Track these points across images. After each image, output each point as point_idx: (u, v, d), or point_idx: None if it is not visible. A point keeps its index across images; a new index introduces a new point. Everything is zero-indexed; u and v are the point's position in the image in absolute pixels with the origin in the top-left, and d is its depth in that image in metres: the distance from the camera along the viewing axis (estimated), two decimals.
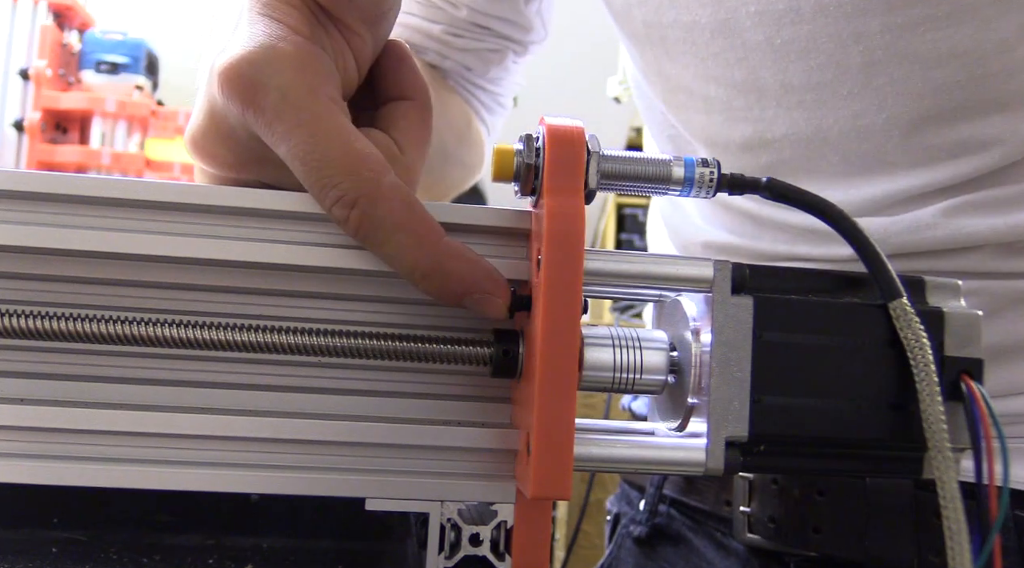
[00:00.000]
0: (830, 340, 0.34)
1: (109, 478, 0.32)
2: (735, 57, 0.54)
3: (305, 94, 0.33)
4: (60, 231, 0.32)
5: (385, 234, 0.32)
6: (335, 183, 0.32)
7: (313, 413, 0.34)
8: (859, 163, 0.53)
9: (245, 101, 0.33)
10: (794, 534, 0.53)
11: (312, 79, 0.34)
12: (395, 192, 0.33)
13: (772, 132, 0.54)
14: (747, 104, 0.55)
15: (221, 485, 0.32)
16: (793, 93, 0.53)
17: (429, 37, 0.66)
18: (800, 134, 0.53)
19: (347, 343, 0.33)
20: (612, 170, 0.33)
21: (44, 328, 0.31)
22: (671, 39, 0.56)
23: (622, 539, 0.68)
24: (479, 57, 0.68)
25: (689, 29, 0.55)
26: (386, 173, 0.33)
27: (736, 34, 0.53)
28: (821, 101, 0.52)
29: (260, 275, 0.34)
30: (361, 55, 0.38)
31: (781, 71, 0.53)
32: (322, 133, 0.33)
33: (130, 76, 2.40)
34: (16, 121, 2.25)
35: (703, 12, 0.53)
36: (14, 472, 0.32)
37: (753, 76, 0.54)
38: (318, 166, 0.32)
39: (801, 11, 0.50)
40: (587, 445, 0.32)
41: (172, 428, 0.32)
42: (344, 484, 0.33)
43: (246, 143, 0.35)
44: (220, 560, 0.33)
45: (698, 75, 0.57)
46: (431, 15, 0.66)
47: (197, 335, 0.32)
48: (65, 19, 2.39)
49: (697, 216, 0.63)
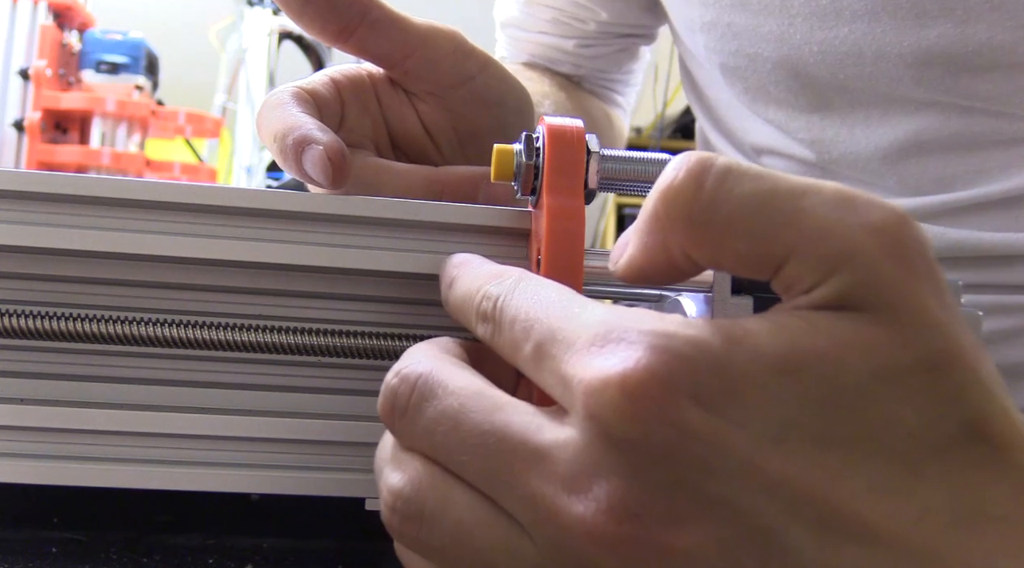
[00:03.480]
0: None
1: (109, 478, 0.32)
2: (799, 84, 0.55)
3: None
4: (60, 231, 0.32)
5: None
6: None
7: (313, 413, 0.34)
8: (914, 183, 0.54)
9: None
10: None
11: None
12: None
13: (830, 152, 0.56)
14: (807, 125, 0.57)
15: (221, 485, 0.32)
16: (859, 109, 0.54)
17: (563, 51, 0.71)
18: (859, 153, 0.54)
19: (347, 343, 0.33)
20: (612, 170, 0.33)
21: (44, 328, 0.31)
22: (731, 65, 0.58)
23: None
24: (611, 60, 0.73)
25: (752, 59, 0.56)
26: None
27: (800, 67, 0.54)
28: (886, 117, 0.53)
29: (260, 275, 0.34)
30: (429, 117, 0.41)
31: (847, 93, 0.54)
32: None
33: (130, 76, 2.40)
34: (16, 121, 2.25)
35: (766, 46, 0.55)
36: (14, 472, 0.32)
37: (819, 100, 0.55)
38: None
39: (863, 55, 0.52)
40: None
41: (172, 428, 0.32)
42: (344, 484, 0.33)
43: None
44: (220, 560, 0.33)
45: (758, 98, 0.58)
46: (563, 31, 0.71)
47: (197, 335, 0.32)
48: (65, 19, 2.39)
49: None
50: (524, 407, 0.23)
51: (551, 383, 0.23)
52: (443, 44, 0.39)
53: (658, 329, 0.21)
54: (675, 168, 0.23)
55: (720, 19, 0.57)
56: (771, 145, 0.60)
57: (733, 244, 0.23)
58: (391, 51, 0.39)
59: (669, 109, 2.72)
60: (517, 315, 0.25)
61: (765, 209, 0.22)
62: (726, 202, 0.22)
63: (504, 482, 0.22)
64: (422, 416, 0.24)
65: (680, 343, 0.21)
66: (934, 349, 0.21)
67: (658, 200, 0.23)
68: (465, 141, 0.42)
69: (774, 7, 0.53)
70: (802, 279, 0.22)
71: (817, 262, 0.21)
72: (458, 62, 0.40)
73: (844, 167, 0.56)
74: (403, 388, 0.25)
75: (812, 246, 0.22)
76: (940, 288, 0.22)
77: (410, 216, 0.33)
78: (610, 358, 0.21)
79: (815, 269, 0.22)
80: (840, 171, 0.56)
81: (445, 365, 0.25)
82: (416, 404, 0.25)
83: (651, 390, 0.20)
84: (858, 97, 0.54)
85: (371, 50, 0.39)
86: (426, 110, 0.41)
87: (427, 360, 0.25)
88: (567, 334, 0.23)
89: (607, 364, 0.21)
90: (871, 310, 0.21)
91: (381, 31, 0.38)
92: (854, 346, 0.21)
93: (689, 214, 0.23)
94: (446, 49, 0.40)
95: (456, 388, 0.24)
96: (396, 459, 0.25)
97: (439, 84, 0.40)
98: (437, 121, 0.41)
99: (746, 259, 0.23)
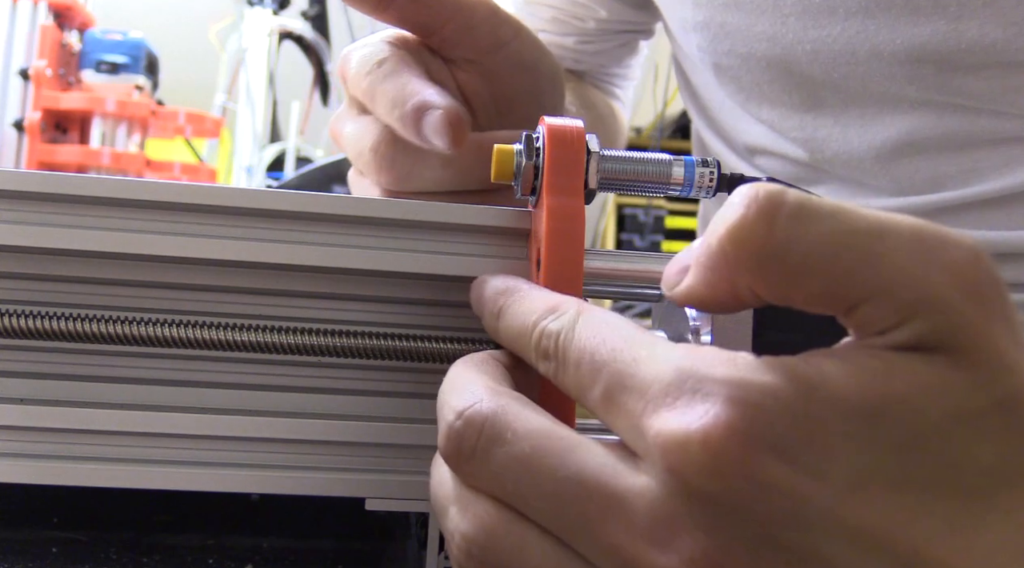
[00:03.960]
0: (831, 340, 0.34)
1: (109, 478, 0.32)
2: (793, 83, 0.56)
3: None
4: (60, 231, 0.32)
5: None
6: None
7: (313, 413, 0.34)
8: (907, 182, 0.54)
9: None
10: None
11: None
12: None
13: (823, 151, 0.55)
14: (800, 124, 0.57)
15: (221, 485, 0.32)
16: (853, 107, 0.54)
17: (564, 48, 0.72)
18: (851, 152, 0.54)
19: (347, 343, 0.33)
20: (612, 170, 0.33)
21: (44, 328, 0.31)
22: (724, 65, 0.58)
23: None
24: (611, 55, 0.74)
25: (745, 59, 0.57)
26: None
27: (793, 66, 0.55)
28: (879, 116, 0.53)
29: (260, 275, 0.34)
30: (467, 85, 0.42)
31: (840, 92, 0.54)
32: None
33: (130, 76, 2.40)
34: (16, 121, 2.24)
35: (759, 46, 0.55)
36: (14, 472, 0.32)
37: (813, 99, 0.55)
38: None
39: (856, 53, 0.52)
40: None
41: (172, 428, 0.32)
42: (344, 484, 0.33)
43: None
44: (220, 560, 0.33)
45: (751, 98, 0.59)
46: (563, 29, 0.72)
47: (197, 335, 0.32)
48: (65, 19, 2.39)
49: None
50: (597, 449, 0.23)
51: (623, 428, 0.23)
52: (479, 10, 0.40)
53: (734, 378, 0.21)
54: (743, 204, 0.22)
55: (713, 19, 0.57)
56: (764, 145, 0.60)
57: (806, 284, 0.22)
58: (429, 19, 0.39)
59: (669, 109, 2.72)
60: (582, 357, 0.24)
61: (842, 251, 0.22)
62: (801, 243, 0.22)
63: (582, 528, 0.22)
64: (492, 461, 0.24)
65: (758, 394, 0.21)
66: (1009, 390, 0.21)
67: (726, 238, 0.23)
68: (502, 107, 0.42)
69: (767, 6, 0.54)
70: (879, 320, 0.22)
71: (896, 306, 0.21)
72: (494, 28, 0.40)
73: (837, 166, 0.56)
74: (469, 432, 0.24)
75: (891, 290, 0.21)
76: (1013, 327, 0.22)
77: (410, 216, 0.33)
78: (688, 413, 0.21)
79: (894, 312, 0.21)
80: (833, 170, 0.56)
81: (511, 404, 0.25)
82: (484, 448, 0.24)
83: (732, 446, 0.20)
84: (851, 96, 0.54)
85: (410, 19, 0.39)
86: (464, 77, 0.41)
87: (489, 398, 0.25)
88: (638, 382, 0.23)
89: (686, 420, 0.21)
90: (948, 352, 0.21)
91: (419, 0, 0.39)
92: (932, 389, 0.21)
93: (760, 254, 0.22)
94: (482, 15, 0.40)
95: (526, 432, 0.24)
96: (462, 500, 0.25)
97: (476, 50, 0.40)
98: (475, 87, 0.41)
99: (819, 298, 0.22)
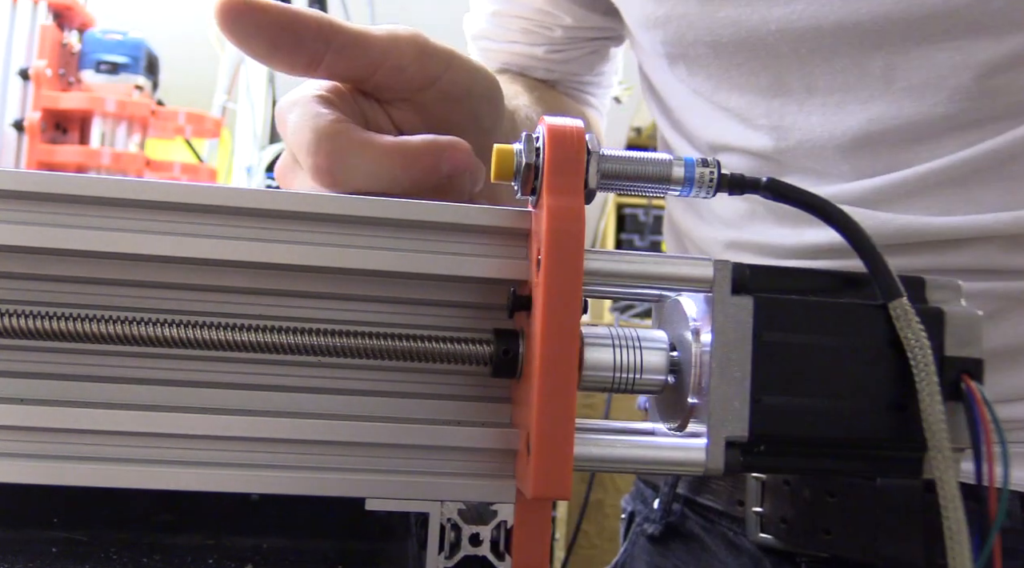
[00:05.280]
0: (830, 340, 0.34)
1: (109, 478, 0.32)
2: (760, 65, 0.56)
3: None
4: (60, 231, 0.32)
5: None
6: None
7: (313, 413, 0.34)
8: (868, 171, 0.54)
9: None
10: (805, 535, 0.53)
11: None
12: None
13: (787, 140, 0.56)
14: (767, 110, 0.57)
15: (221, 485, 0.32)
16: (816, 95, 0.55)
17: (534, 58, 0.73)
18: (815, 141, 0.55)
19: (347, 343, 0.33)
20: (612, 170, 0.33)
21: (44, 328, 0.31)
22: (691, 56, 0.59)
23: (636, 537, 0.70)
24: (581, 63, 0.75)
25: (711, 46, 0.57)
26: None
27: (760, 48, 0.55)
28: (841, 105, 0.54)
29: (260, 275, 0.34)
30: (404, 122, 0.43)
31: (806, 76, 0.55)
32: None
33: (130, 76, 2.40)
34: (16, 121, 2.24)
35: (724, 32, 0.55)
36: (14, 472, 0.32)
37: (779, 82, 0.56)
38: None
39: (821, 28, 0.52)
40: (587, 445, 0.32)
41: (172, 428, 0.32)
42: (344, 484, 0.33)
43: None
44: (220, 560, 0.33)
45: (719, 86, 0.59)
46: (532, 39, 0.73)
47: (197, 335, 0.32)
48: (65, 19, 2.39)
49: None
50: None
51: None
52: (406, 50, 0.40)
53: None
54: None
55: (675, 11, 0.57)
56: (728, 140, 0.60)
57: None
58: (359, 70, 0.40)
59: None
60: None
61: None
62: None
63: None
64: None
65: None
66: None
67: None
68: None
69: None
70: None
71: None
72: (423, 65, 0.41)
73: (800, 156, 0.56)
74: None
75: None
76: None
77: (410, 216, 0.33)
78: None
79: None
80: (795, 162, 0.57)
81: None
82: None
83: None
84: (815, 81, 0.54)
85: (340, 73, 0.40)
86: (399, 114, 0.42)
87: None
88: None
89: None
90: None
91: (347, 54, 0.39)
92: None
93: None
94: (410, 55, 0.40)
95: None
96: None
97: (408, 89, 0.41)
98: (411, 123, 0.42)
99: None
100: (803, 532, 0.53)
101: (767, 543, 0.55)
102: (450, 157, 0.38)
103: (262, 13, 0.37)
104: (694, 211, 0.66)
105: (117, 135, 2.37)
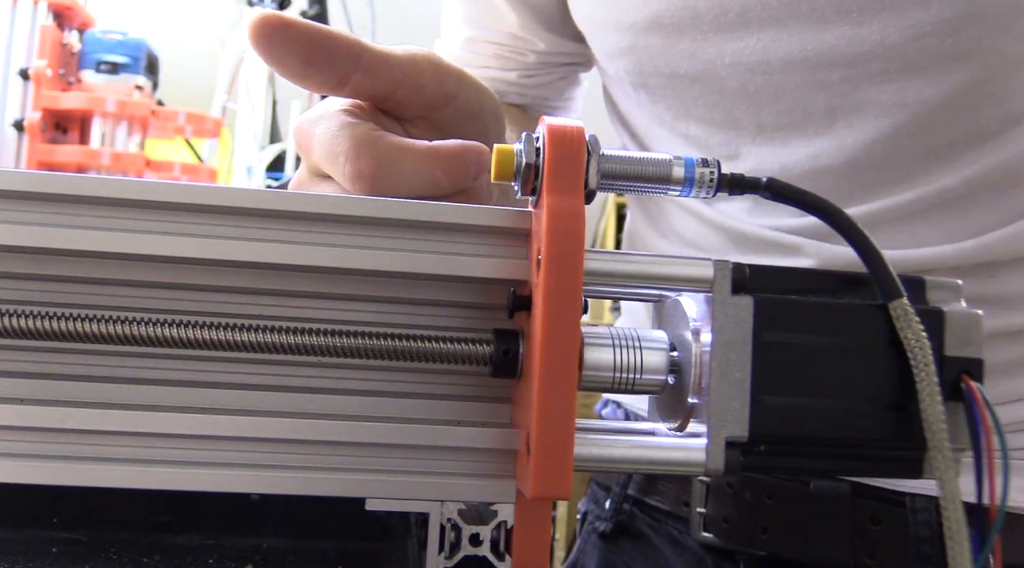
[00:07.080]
0: (830, 340, 0.34)
1: (109, 478, 0.32)
2: (713, 101, 0.59)
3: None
4: (60, 231, 0.32)
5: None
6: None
7: (313, 413, 0.34)
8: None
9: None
10: (745, 534, 0.56)
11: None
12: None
13: (741, 168, 0.58)
14: (724, 140, 0.60)
15: (221, 485, 0.32)
16: (765, 132, 0.58)
17: (507, 83, 0.75)
18: (766, 172, 0.58)
19: (347, 343, 0.33)
20: (612, 170, 0.33)
21: (44, 328, 0.31)
22: (652, 85, 0.62)
23: (588, 534, 0.73)
24: (552, 87, 0.77)
25: (670, 78, 0.60)
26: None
27: (714, 82, 0.58)
28: (787, 141, 0.57)
29: (260, 275, 0.34)
30: (422, 138, 0.43)
31: (755, 113, 0.58)
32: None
33: (130, 76, 2.40)
34: (16, 121, 2.24)
35: (682, 64, 0.58)
36: (14, 472, 0.32)
37: (731, 118, 0.59)
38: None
39: (770, 63, 0.55)
40: (587, 445, 0.32)
41: (172, 428, 0.32)
42: (344, 484, 0.33)
43: None
44: (220, 560, 0.33)
45: (679, 115, 0.62)
46: (505, 65, 0.75)
47: (197, 335, 0.32)
48: (65, 19, 2.39)
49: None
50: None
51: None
52: (425, 70, 0.41)
53: None
54: None
55: (637, 43, 0.59)
56: None
57: None
58: (382, 87, 0.41)
59: None
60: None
61: None
62: None
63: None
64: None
65: None
66: None
67: None
68: None
69: (686, 25, 0.56)
70: None
71: None
72: (440, 84, 0.42)
73: None
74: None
75: None
76: None
77: (410, 216, 0.33)
78: None
79: None
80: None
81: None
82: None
83: None
84: (764, 118, 0.57)
85: (365, 91, 0.41)
86: (415, 131, 0.43)
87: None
88: None
89: None
90: None
91: (373, 72, 0.40)
92: None
93: None
94: (428, 74, 0.42)
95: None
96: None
97: (426, 107, 0.42)
98: (426, 139, 0.43)
99: None
100: (743, 531, 0.56)
101: (709, 542, 0.58)
102: (478, 159, 0.39)
103: (296, 31, 0.38)
104: (655, 226, 0.69)
105: (117, 135, 2.37)
